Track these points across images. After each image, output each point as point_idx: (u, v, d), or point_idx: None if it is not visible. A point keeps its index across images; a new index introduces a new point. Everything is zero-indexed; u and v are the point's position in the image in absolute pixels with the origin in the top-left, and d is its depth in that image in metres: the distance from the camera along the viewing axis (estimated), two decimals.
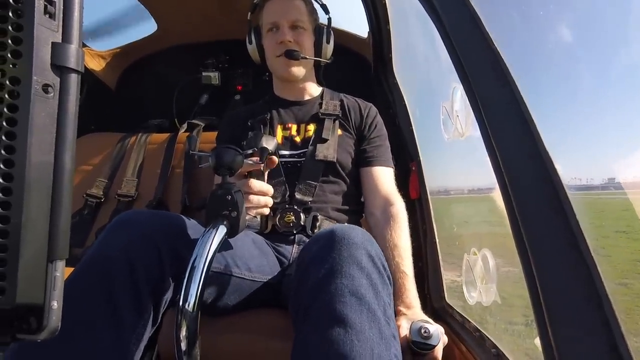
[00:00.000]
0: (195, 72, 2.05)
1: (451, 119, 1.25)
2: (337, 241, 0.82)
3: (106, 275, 0.77)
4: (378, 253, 0.86)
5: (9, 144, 0.33)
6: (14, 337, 0.35)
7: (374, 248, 0.86)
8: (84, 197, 1.66)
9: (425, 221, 1.37)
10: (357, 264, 0.79)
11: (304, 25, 1.30)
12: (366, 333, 0.71)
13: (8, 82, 0.34)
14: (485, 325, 0.97)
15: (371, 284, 0.78)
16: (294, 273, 0.91)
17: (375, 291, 0.78)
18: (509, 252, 0.98)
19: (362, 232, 0.88)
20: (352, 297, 0.75)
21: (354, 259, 0.79)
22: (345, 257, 0.79)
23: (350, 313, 0.73)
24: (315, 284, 0.79)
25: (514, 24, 0.87)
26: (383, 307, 0.78)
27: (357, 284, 0.76)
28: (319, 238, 0.87)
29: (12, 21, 0.34)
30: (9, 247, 0.33)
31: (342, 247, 0.81)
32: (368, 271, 0.80)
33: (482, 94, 0.63)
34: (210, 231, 0.76)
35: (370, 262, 0.81)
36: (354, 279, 0.77)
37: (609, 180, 3.92)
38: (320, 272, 0.79)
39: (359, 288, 0.76)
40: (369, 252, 0.82)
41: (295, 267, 0.91)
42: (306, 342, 0.75)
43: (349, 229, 0.86)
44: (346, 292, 0.75)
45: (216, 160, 0.81)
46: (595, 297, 0.46)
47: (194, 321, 0.71)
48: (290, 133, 1.30)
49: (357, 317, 0.73)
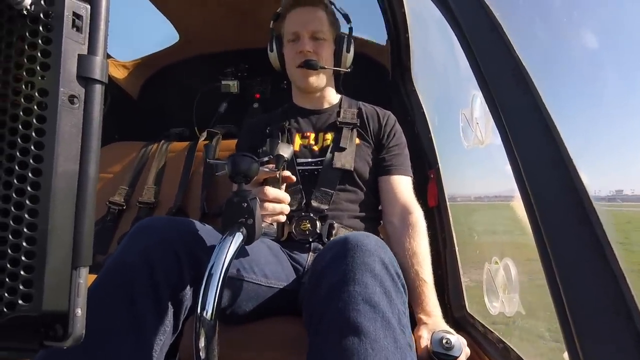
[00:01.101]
0: (215, 81, 2.08)
1: (471, 126, 1.24)
2: (350, 249, 0.82)
3: (127, 281, 0.78)
4: (392, 260, 0.85)
5: (38, 153, 0.34)
6: (41, 344, 0.35)
7: (388, 255, 0.85)
8: (107, 204, 1.69)
9: (444, 229, 1.35)
10: (370, 271, 0.79)
11: (324, 36, 1.30)
12: (381, 342, 0.71)
13: (37, 94, 0.35)
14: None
15: (385, 291, 0.78)
16: (307, 280, 0.91)
17: (389, 299, 0.78)
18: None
19: (375, 239, 0.87)
20: (366, 305, 0.74)
21: (367, 266, 0.79)
22: (359, 264, 0.79)
23: (364, 321, 0.72)
24: (328, 292, 0.78)
25: (535, 30, 0.86)
26: (397, 315, 0.77)
27: (370, 292, 0.76)
28: (332, 246, 0.87)
29: (42, 35, 0.35)
30: (36, 253, 0.34)
31: (355, 255, 0.80)
32: (381, 279, 0.79)
33: (503, 101, 0.62)
34: (227, 238, 0.76)
35: (383, 270, 0.81)
36: (367, 286, 0.76)
37: (616, 192, 3.83)
38: (333, 279, 0.79)
39: (372, 296, 0.75)
40: (382, 259, 0.82)
41: (309, 275, 0.91)
42: (320, 350, 0.74)
43: (363, 236, 0.86)
44: (359, 300, 0.74)
45: (232, 167, 0.81)
46: (624, 309, 0.44)
47: (212, 328, 0.71)
48: (309, 142, 1.30)
49: (372, 325, 0.72)
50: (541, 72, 0.62)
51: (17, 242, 0.34)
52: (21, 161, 0.34)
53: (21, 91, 0.35)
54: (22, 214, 0.34)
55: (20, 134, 0.34)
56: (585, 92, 3.20)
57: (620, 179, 21.86)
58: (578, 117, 3.86)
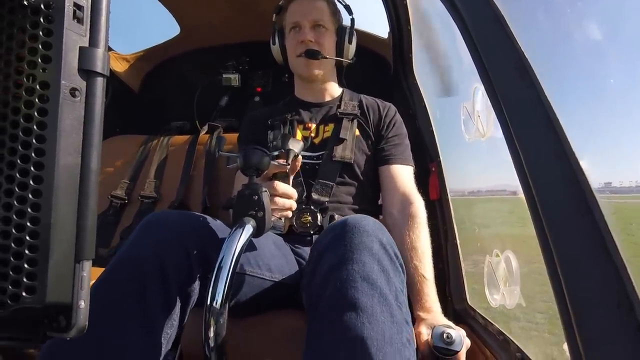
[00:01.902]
0: (216, 74, 2.07)
1: (472, 119, 1.24)
2: (348, 230, 0.83)
3: (138, 273, 0.79)
4: (390, 241, 0.86)
5: (39, 147, 0.34)
6: (45, 335, 0.36)
7: (386, 236, 0.86)
8: (109, 198, 1.69)
9: (445, 222, 1.35)
10: (368, 250, 0.80)
11: (326, 25, 1.30)
12: (377, 316, 0.72)
13: (38, 86, 0.35)
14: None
15: (382, 269, 0.79)
16: (307, 263, 0.92)
17: (386, 277, 0.79)
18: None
19: (373, 221, 0.88)
20: (364, 282, 0.75)
21: (365, 245, 0.80)
22: (357, 244, 0.80)
23: (362, 297, 0.73)
24: (327, 272, 0.79)
25: (539, 22, 0.85)
26: (395, 292, 0.78)
27: (368, 270, 0.77)
28: (331, 228, 0.88)
29: (43, 27, 0.34)
30: (40, 247, 0.34)
31: (354, 235, 0.81)
32: (379, 257, 0.80)
33: (505, 93, 0.62)
34: (237, 230, 0.77)
35: (381, 249, 0.82)
36: (365, 264, 0.77)
37: (605, 184, 3.82)
38: (332, 260, 0.80)
39: (370, 273, 0.77)
40: (380, 239, 0.83)
41: (309, 257, 0.92)
42: (318, 326, 0.76)
43: (361, 218, 0.87)
44: (357, 278, 0.76)
45: (244, 160, 0.82)
46: (626, 301, 0.44)
47: (221, 319, 0.72)
48: (310, 133, 1.31)
49: (369, 300, 0.73)
50: (544, 65, 0.61)
51: (20, 235, 0.34)
52: (23, 155, 0.34)
53: (22, 84, 0.34)
54: (25, 208, 0.34)
55: (22, 127, 0.34)
56: (585, 86, 3.16)
57: (609, 172, 21.84)
58: (577, 111, 3.86)
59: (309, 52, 1.27)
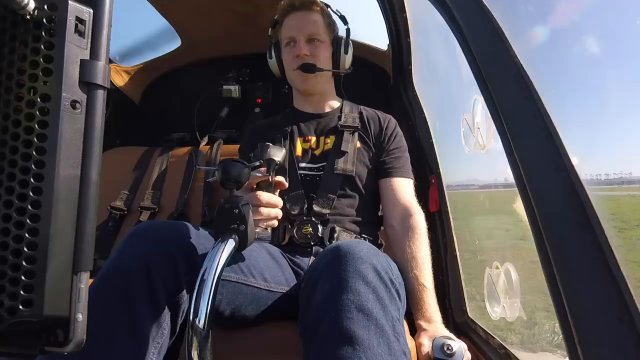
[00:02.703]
0: (216, 86, 2.08)
1: (472, 131, 1.24)
2: (342, 256, 0.81)
3: (124, 284, 0.78)
4: (384, 267, 0.85)
5: (39, 159, 0.34)
6: (42, 350, 0.35)
7: (380, 262, 0.85)
8: (108, 209, 1.69)
9: (445, 234, 1.35)
10: (363, 278, 0.79)
11: (321, 38, 1.31)
12: (374, 350, 0.71)
13: (39, 99, 0.35)
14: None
15: (378, 298, 0.78)
16: (303, 288, 0.91)
17: (382, 306, 0.78)
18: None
19: (367, 245, 0.87)
20: (359, 312, 0.74)
21: (360, 273, 0.79)
22: (351, 272, 0.79)
23: (358, 330, 0.72)
24: (322, 301, 0.78)
25: (538, 35, 0.86)
26: (391, 322, 0.77)
27: (363, 299, 0.76)
28: (325, 254, 0.87)
29: (45, 40, 0.35)
30: (38, 259, 0.34)
31: (348, 262, 0.80)
32: (374, 286, 0.79)
33: (504, 106, 0.62)
34: (219, 245, 0.76)
35: (376, 277, 0.81)
36: (360, 294, 0.76)
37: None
38: (326, 288, 0.79)
39: (365, 303, 0.75)
40: (374, 266, 0.82)
41: (304, 283, 0.91)
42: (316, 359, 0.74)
43: (354, 243, 0.86)
44: (353, 308, 0.74)
45: (222, 174, 0.80)
46: (626, 316, 0.44)
47: (205, 336, 0.70)
48: (310, 145, 1.31)
49: (365, 333, 0.72)
50: (541, 77, 0.62)
51: (18, 247, 0.33)
52: (23, 166, 0.34)
53: (23, 97, 0.35)
54: (24, 219, 0.34)
55: (22, 140, 0.34)
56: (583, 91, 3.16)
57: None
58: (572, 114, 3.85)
59: (305, 66, 1.28)
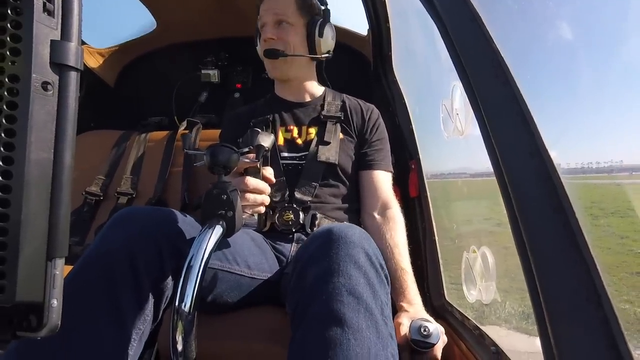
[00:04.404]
0: (195, 70, 2.05)
1: (451, 117, 1.25)
2: (334, 240, 0.82)
3: (107, 270, 0.77)
4: (375, 252, 0.86)
5: (9, 141, 0.33)
6: (14, 335, 0.35)
7: (372, 247, 0.86)
8: (82, 195, 1.65)
9: (424, 219, 1.37)
10: (355, 262, 0.79)
11: (289, 20, 1.25)
12: (363, 332, 0.72)
13: (7, 79, 0.34)
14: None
15: (368, 283, 0.79)
16: (291, 271, 0.91)
17: (372, 290, 0.78)
18: None
19: (359, 230, 0.88)
20: (350, 296, 0.75)
21: (351, 257, 0.79)
22: (343, 255, 0.79)
23: (348, 312, 0.73)
24: (313, 283, 0.79)
25: (515, 21, 0.87)
26: (380, 306, 0.78)
27: (354, 283, 0.76)
28: (316, 237, 0.87)
29: (11, 19, 0.33)
30: (9, 245, 0.33)
31: (340, 246, 0.81)
32: (365, 270, 0.80)
33: (482, 92, 0.63)
34: (206, 231, 0.75)
35: (367, 261, 0.81)
36: (352, 278, 0.77)
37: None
38: (317, 271, 0.79)
39: (356, 287, 0.76)
40: (366, 250, 0.83)
41: (293, 266, 0.91)
42: (303, 341, 0.75)
43: (347, 227, 0.86)
44: (344, 291, 0.75)
45: (211, 158, 0.79)
46: (594, 296, 0.46)
47: (190, 321, 0.69)
48: (292, 135, 1.29)
49: (355, 316, 0.73)
50: (519, 63, 0.63)
51: None
52: None
53: None
54: None
55: None
56: (560, 82, 3.20)
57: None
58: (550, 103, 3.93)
59: (267, 51, 1.23)
